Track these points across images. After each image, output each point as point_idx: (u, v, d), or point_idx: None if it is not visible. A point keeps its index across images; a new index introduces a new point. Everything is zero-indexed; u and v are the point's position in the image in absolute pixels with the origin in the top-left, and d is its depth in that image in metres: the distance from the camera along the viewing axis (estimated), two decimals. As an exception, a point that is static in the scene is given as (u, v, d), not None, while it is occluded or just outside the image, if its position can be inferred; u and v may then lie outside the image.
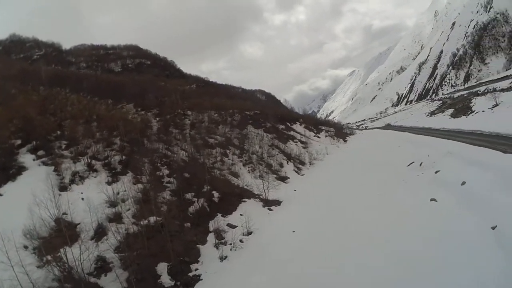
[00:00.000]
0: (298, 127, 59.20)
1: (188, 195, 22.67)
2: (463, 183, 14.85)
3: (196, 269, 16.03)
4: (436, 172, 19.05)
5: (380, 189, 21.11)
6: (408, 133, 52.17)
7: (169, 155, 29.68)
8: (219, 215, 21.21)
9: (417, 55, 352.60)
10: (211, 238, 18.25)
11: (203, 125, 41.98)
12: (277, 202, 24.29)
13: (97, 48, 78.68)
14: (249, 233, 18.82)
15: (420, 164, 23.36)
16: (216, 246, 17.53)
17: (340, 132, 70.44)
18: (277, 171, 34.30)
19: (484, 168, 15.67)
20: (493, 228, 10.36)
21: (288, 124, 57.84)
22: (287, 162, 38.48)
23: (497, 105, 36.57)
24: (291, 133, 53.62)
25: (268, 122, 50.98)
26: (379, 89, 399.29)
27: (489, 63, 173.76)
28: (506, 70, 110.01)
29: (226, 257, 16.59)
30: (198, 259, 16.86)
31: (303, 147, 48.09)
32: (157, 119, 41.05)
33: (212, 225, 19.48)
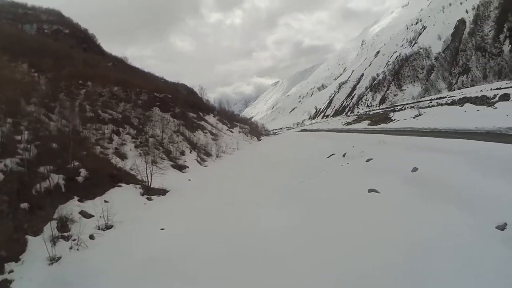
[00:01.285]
0: (211, 118, 54.65)
1: (43, 169, 16.55)
2: (415, 169, 11.30)
3: (11, 271, 10.44)
4: (367, 161, 15.63)
5: (292, 182, 17.26)
6: (326, 132, 50.57)
7: (43, 121, 23.07)
8: (76, 198, 15.55)
9: (339, 76, 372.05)
10: (50, 228, 12.58)
11: (102, 98, 35.45)
12: (162, 192, 19.24)
13: (16, 5, 66.47)
14: (108, 227, 13.49)
15: (344, 155, 20.20)
16: (54, 240, 11.99)
17: (255, 131, 67.56)
18: (175, 159, 29.28)
19: (441, 153, 12.44)
20: (502, 227, 6.53)
21: (200, 114, 53.00)
22: (191, 151, 33.76)
23: (420, 115, 35.25)
24: (202, 123, 48.89)
25: (178, 108, 45.63)
26: (299, 101, 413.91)
27: (405, 89, 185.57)
28: (421, 97, 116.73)
29: (59, 258, 11.09)
30: (20, 257, 11.23)
31: (213, 139, 43.69)
32: (49, 83, 33.72)
33: (60, 210, 13.81)
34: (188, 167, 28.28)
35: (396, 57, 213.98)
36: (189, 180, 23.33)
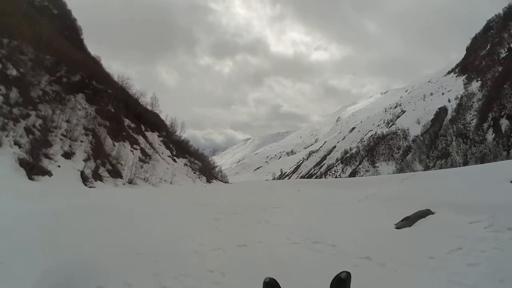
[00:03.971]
0: (153, 136, 42.51)
1: None
2: None
3: None
4: None
5: None
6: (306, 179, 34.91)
7: None
8: None
9: (309, 146, 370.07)
10: None
11: (15, 53, 25.03)
12: None
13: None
14: None
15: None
16: None
17: (209, 172, 55.00)
18: (44, 156, 17.12)
19: None
20: None
21: (142, 127, 41.03)
22: (88, 159, 21.66)
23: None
24: (138, 137, 36.78)
25: (112, 107, 33.92)
26: (266, 162, 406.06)
27: (378, 167, 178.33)
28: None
29: None
30: None
31: (141, 159, 31.61)
32: None
33: None
34: (49, 175, 15.94)
35: (372, 135, 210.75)
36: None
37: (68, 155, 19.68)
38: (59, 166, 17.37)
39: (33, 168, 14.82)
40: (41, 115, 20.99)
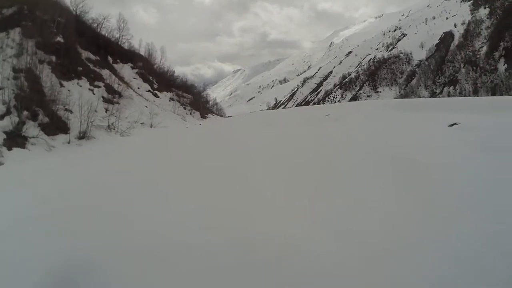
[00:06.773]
0: (125, 69, 34.29)
1: None
2: None
3: None
4: None
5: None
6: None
7: None
8: None
9: (302, 73, 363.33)
10: None
11: None
12: None
13: None
14: None
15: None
16: None
17: (202, 106, 47.23)
18: None
19: None
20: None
21: (109, 58, 32.75)
22: (7, 114, 13.94)
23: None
24: (104, 71, 28.61)
25: (63, 39, 25.47)
26: (258, 92, 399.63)
27: (381, 92, 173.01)
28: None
29: None
30: None
31: (106, 100, 23.81)
32: None
33: None
34: None
35: (370, 59, 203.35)
36: None
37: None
38: None
39: None
40: None
